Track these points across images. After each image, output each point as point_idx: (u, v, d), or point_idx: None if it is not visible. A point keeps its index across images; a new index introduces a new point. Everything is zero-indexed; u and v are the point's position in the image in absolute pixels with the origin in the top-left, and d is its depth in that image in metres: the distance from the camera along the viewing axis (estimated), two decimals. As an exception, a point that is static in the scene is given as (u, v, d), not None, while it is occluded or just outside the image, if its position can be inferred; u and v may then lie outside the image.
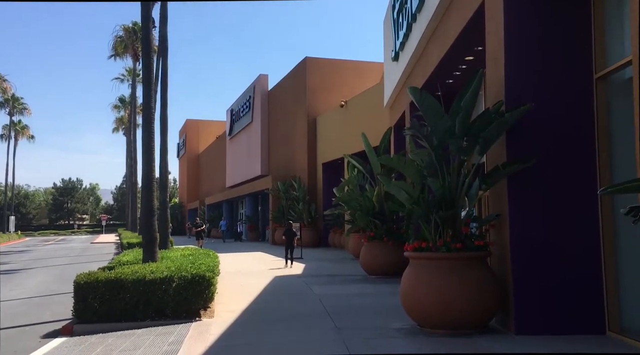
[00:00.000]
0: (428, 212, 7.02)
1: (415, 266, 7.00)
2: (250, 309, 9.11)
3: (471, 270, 6.64)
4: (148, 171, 10.23)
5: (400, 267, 13.33)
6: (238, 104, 42.67)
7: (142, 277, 8.07)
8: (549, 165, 6.70)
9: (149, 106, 10.43)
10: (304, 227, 26.33)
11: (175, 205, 66.69)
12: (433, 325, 6.68)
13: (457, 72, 11.39)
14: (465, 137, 6.97)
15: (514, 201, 6.73)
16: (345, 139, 24.33)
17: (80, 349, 6.64)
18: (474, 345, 6.04)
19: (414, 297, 6.82)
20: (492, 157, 7.27)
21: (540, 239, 6.62)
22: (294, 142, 31.49)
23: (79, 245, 39.59)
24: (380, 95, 20.21)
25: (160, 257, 10.80)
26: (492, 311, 6.67)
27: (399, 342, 6.39)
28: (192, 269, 8.50)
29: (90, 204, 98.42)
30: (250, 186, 36.19)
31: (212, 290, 8.46)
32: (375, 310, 8.64)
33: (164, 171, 15.08)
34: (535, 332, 6.40)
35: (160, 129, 15.08)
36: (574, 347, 5.76)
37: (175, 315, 8.12)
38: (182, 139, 65.58)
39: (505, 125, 6.56)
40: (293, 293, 11.01)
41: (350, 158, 15.77)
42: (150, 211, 10.12)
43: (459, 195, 7.12)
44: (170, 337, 6.93)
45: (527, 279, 6.57)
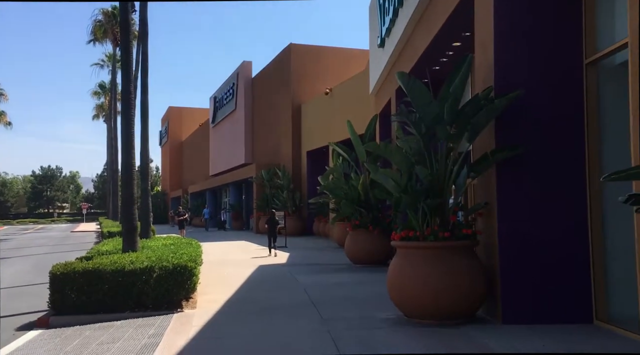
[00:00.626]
0: (416, 200, 6.88)
1: (402, 256, 6.87)
2: (233, 299, 8.92)
3: (459, 260, 6.53)
4: (127, 158, 9.91)
5: (385, 256, 13.33)
6: (221, 91, 42.07)
7: (121, 268, 7.82)
8: (538, 153, 6.60)
9: (128, 91, 10.08)
10: (288, 215, 26.16)
11: (157, 194, 65.96)
12: (420, 315, 6.57)
13: (444, 58, 11.24)
14: (454, 124, 6.83)
15: (502, 189, 6.62)
16: (330, 127, 24.12)
17: (55, 342, 6.40)
18: (462, 335, 5.94)
19: (400, 286, 6.70)
20: (481, 144, 7.14)
21: (529, 228, 6.53)
22: (278, 130, 31.18)
23: (59, 234, 38.89)
24: (365, 83, 20.02)
25: (141, 247, 10.53)
26: (480, 301, 6.59)
27: (386, 332, 6.26)
28: (173, 259, 8.27)
29: (70, 193, 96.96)
30: (234, 174, 35.84)
31: (195, 281, 8.24)
32: (361, 299, 8.53)
33: (145, 159, 14.73)
34: (522, 322, 6.33)
35: (141, 116, 14.71)
36: (560, 336, 5.69)
37: (156, 307, 7.90)
38: (164, 126, 64.65)
39: (494, 111, 6.42)
40: (277, 282, 10.85)
41: (336, 146, 15.58)
42: (130, 199, 9.83)
43: (447, 183, 6.99)
44: (150, 330, 6.72)
45: (514, 268, 6.48)
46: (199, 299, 8.89)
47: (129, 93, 10.14)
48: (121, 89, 10.06)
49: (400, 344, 5.85)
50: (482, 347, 5.46)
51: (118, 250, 10.14)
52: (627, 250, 5.77)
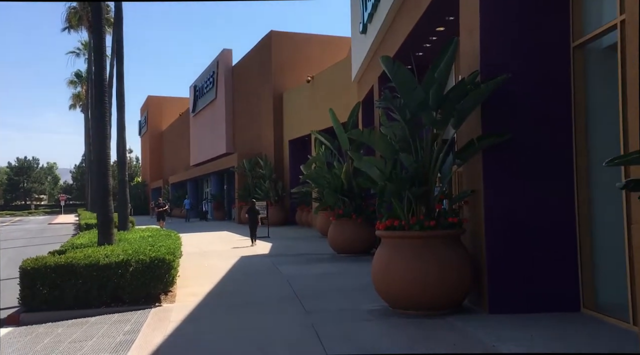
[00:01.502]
0: (400, 188, 6.70)
1: (387, 245, 6.69)
2: (214, 292, 8.68)
3: (445, 249, 6.38)
4: (102, 148, 9.53)
5: (369, 245, 13.20)
6: (201, 79, 41.35)
7: (96, 262, 7.51)
8: (524, 139, 6.45)
9: (102, 78, 9.67)
10: (270, 205, 25.91)
11: (138, 185, 65.04)
12: (405, 306, 6.42)
13: (427, 44, 11.03)
14: (439, 110, 6.64)
15: (488, 176, 6.47)
16: (312, 116, 23.85)
17: (26, 340, 6.09)
18: (448, 326, 5.80)
19: (385, 277, 6.53)
20: (466, 131, 6.97)
21: (515, 216, 6.40)
22: (259, 119, 30.77)
23: (36, 226, 38.04)
24: (348, 70, 19.76)
25: (118, 239, 10.20)
26: (466, 290, 6.46)
27: (371, 325, 6.09)
28: (150, 252, 7.97)
29: (48, 184, 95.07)
30: (216, 164, 35.37)
31: (173, 274, 7.97)
32: (345, 290, 8.35)
33: (122, 148, 14.30)
34: (509, 311, 6.22)
35: (117, 103, 14.26)
36: (548, 325, 5.59)
37: (134, 301, 7.63)
38: (143, 116, 63.52)
39: (481, 96, 6.24)
40: (260, 274, 10.63)
41: (318, 134, 15.34)
42: (105, 190, 9.46)
43: (432, 171, 6.81)
44: (126, 326, 6.45)
45: (501, 257, 6.36)
46: (178, 292, 8.62)
47: (103, 80, 9.73)
48: (94, 75, 9.65)
49: (386, 336, 5.68)
50: (469, 337, 5.33)
51: (94, 243, 9.79)
52: (615, 238, 5.68)
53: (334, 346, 5.18)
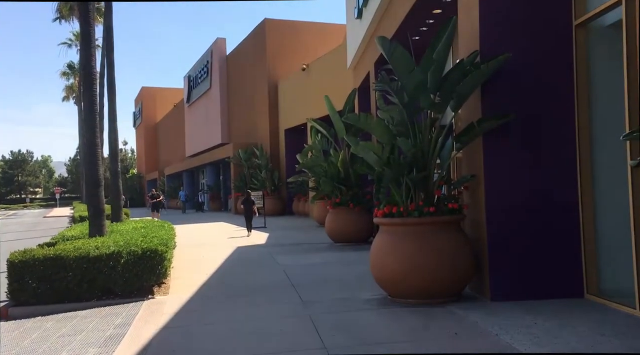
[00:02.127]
0: (399, 174, 6.49)
1: (385, 233, 6.50)
2: (209, 283, 8.49)
3: (445, 235, 6.19)
4: (92, 137, 9.27)
5: (367, 234, 13.03)
6: (195, 69, 40.95)
7: (86, 254, 7.29)
8: (526, 120, 6.24)
9: (90, 66, 9.38)
10: (267, 195, 25.72)
11: (133, 177, 64.76)
12: (405, 294, 6.25)
13: (424, 27, 10.75)
14: (438, 92, 6.41)
15: (489, 160, 6.26)
16: (308, 104, 23.58)
17: (13, 336, 5.89)
18: (449, 314, 5.63)
19: (384, 265, 6.34)
20: (466, 114, 6.76)
21: (517, 200, 6.21)
22: (254, 109, 30.46)
23: (31, 220, 37.78)
24: (343, 57, 19.46)
25: (110, 231, 9.99)
26: (467, 278, 6.28)
27: (370, 314, 5.92)
28: (142, 243, 7.76)
29: (42, 177, 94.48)
30: (211, 155, 35.10)
31: (166, 266, 7.77)
32: (343, 280, 8.18)
33: (114, 139, 14.03)
34: (511, 298, 6.05)
35: (108, 93, 13.98)
36: (551, 312, 5.42)
37: (126, 294, 7.43)
38: (138, 107, 63.04)
39: (481, 77, 6.01)
40: (256, 264, 10.45)
41: (313, 122, 15.10)
42: (96, 181, 9.22)
43: (431, 156, 6.60)
44: (117, 319, 6.25)
45: (502, 243, 6.18)
46: (172, 284, 8.44)
47: (91, 68, 9.45)
48: (82, 63, 9.38)
49: (385, 326, 5.51)
50: (470, 326, 5.16)
51: (85, 235, 9.57)
52: (619, 222, 5.50)
53: (332, 337, 5.00)
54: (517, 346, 4.46)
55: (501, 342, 4.60)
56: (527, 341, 4.56)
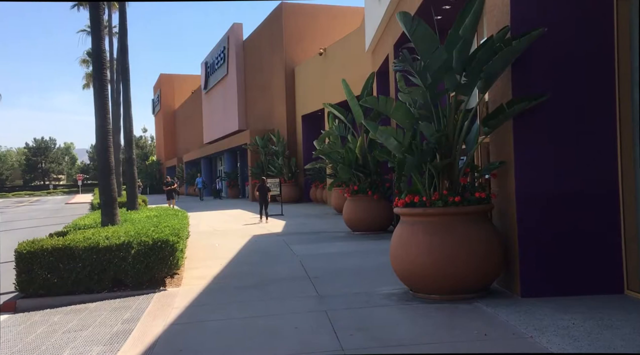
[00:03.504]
0: (421, 161, 6.06)
1: (406, 224, 6.09)
2: (222, 274, 8.21)
3: (471, 227, 5.76)
4: (102, 123, 9.01)
5: (386, 222, 12.63)
6: (212, 55, 40.64)
7: (95, 244, 7.06)
8: (561, 102, 5.74)
9: (99, 49, 9.09)
10: (284, 182, 25.43)
11: (152, 164, 65.09)
12: (427, 289, 5.85)
13: (447, 5, 10.19)
14: (464, 72, 5.93)
15: (520, 146, 5.79)
16: (325, 89, 23.09)
17: (18, 330, 5.69)
18: (476, 312, 5.23)
19: (405, 258, 5.95)
20: (494, 95, 6.27)
21: (550, 189, 5.74)
22: (271, 95, 30.07)
23: (53, 207, 38.23)
24: (361, 41, 18.92)
25: (123, 220, 9.78)
26: (495, 272, 5.85)
27: (391, 311, 5.55)
28: (154, 233, 7.50)
29: (65, 164, 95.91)
30: (228, 142, 34.89)
31: (178, 256, 7.49)
32: (361, 272, 7.82)
33: (129, 124, 13.81)
34: (543, 294, 5.62)
35: (122, 78, 13.73)
36: (589, 310, 4.98)
37: (137, 286, 7.19)
38: (156, 94, 63.15)
39: (512, 54, 5.52)
40: (271, 254, 10.15)
41: (331, 107, 14.66)
42: (107, 168, 8.98)
43: (456, 141, 6.15)
44: (126, 313, 6.00)
45: (534, 235, 5.73)
46: (185, 275, 8.19)
47: (101, 51, 9.16)
48: (92, 46, 9.09)
49: (406, 325, 5.13)
50: (501, 325, 4.76)
51: (98, 224, 9.37)
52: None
53: (350, 337, 4.65)
54: (555, 350, 4.05)
55: (537, 345, 4.19)
56: (566, 344, 4.14)
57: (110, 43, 31.65)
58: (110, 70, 29.03)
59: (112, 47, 26.92)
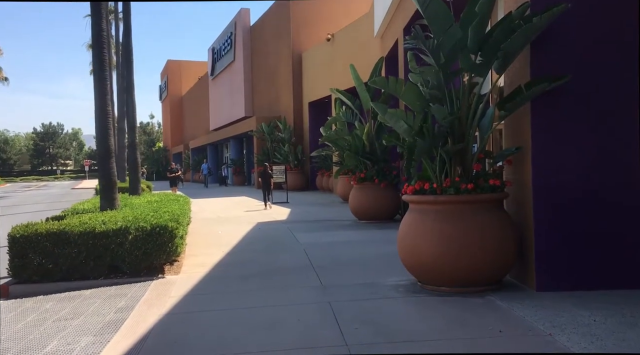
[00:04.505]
0: (432, 145, 5.73)
1: (416, 212, 5.78)
2: (224, 262, 7.95)
3: (484, 216, 5.44)
4: (102, 105, 8.72)
5: (393, 211, 12.30)
6: (219, 41, 40.18)
7: (91, 229, 6.80)
8: (584, 83, 5.38)
9: (100, 28, 8.78)
10: (289, 170, 25.13)
11: (159, 150, 65.05)
12: (437, 281, 5.55)
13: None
14: (480, 52, 5.57)
15: (538, 130, 5.44)
16: (332, 76, 22.68)
17: (8, 318, 5.44)
18: (489, 306, 4.93)
19: (414, 248, 5.64)
20: (511, 77, 5.90)
21: (570, 176, 5.39)
22: (278, 81, 29.66)
23: (59, 191, 38.23)
24: (370, 26, 18.47)
25: (123, 205, 9.52)
26: (510, 264, 5.54)
27: (397, 303, 5.26)
28: (152, 219, 7.23)
29: (73, 149, 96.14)
30: (234, 128, 34.58)
31: (177, 243, 7.23)
32: (367, 261, 7.53)
33: (131, 108, 13.53)
34: (560, 288, 5.31)
35: (124, 61, 13.42)
36: (612, 306, 4.66)
37: (134, 273, 6.95)
38: (163, 80, 62.89)
39: (532, 32, 5.14)
40: (275, 242, 9.88)
41: (338, 93, 14.28)
42: (107, 152, 8.71)
43: (470, 125, 5.80)
44: (121, 301, 5.75)
45: (552, 225, 5.40)
46: (185, 262, 7.94)
47: (100, 29, 8.84)
48: (91, 24, 8.78)
49: (415, 319, 4.84)
50: (516, 322, 4.45)
51: (97, 209, 9.12)
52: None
53: (355, 331, 4.37)
54: (576, 350, 3.74)
55: (557, 344, 3.88)
56: (587, 343, 3.83)
57: (117, 28, 31.32)
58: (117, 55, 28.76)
59: (119, 33, 26.63)
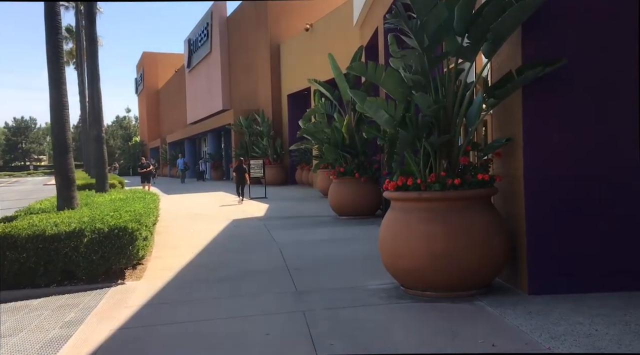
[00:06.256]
0: (415, 137, 5.23)
1: (398, 210, 5.28)
2: (192, 264, 7.37)
3: (473, 213, 4.97)
4: (57, 95, 8.02)
5: (374, 207, 11.81)
6: (195, 33, 39.18)
7: (41, 232, 6.16)
8: (581, 68, 4.93)
9: (53, 12, 8.05)
10: (268, 164, 24.54)
11: (136, 145, 63.64)
12: (422, 285, 5.07)
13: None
14: (467, 34, 5.07)
15: (530, 120, 4.98)
16: (311, 67, 22.07)
17: (-60, 335, 4.79)
18: (480, 313, 4.47)
19: (396, 250, 5.15)
20: (500, 61, 5.43)
21: (566, 170, 4.95)
22: (256, 73, 28.93)
23: (30, 188, 36.98)
24: (349, 15, 17.94)
25: (84, 203, 8.85)
26: (500, 265, 5.08)
27: (379, 312, 4.76)
28: (111, 219, 6.60)
29: (47, 144, 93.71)
30: (212, 122, 33.76)
31: (138, 246, 6.61)
32: (346, 262, 7.02)
33: (96, 100, 12.78)
34: (555, 291, 4.87)
35: (88, 49, 12.65)
36: (613, 312, 4.24)
37: (91, 279, 6.33)
38: (139, 73, 61.38)
39: (525, 11, 4.66)
40: (249, 240, 9.32)
41: (316, 83, 13.72)
42: (63, 147, 8.02)
43: (456, 115, 5.32)
44: (70, 313, 5.14)
45: (545, 222, 4.96)
46: (150, 265, 7.34)
47: (55, 14, 8.10)
48: (44, 5, 8.04)
49: (398, 329, 4.35)
50: (510, 331, 3.99)
51: (55, 208, 8.42)
52: None
53: (328, 347, 3.86)
54: (580, 368, 3.29)
55: (559, 361, 3.42)
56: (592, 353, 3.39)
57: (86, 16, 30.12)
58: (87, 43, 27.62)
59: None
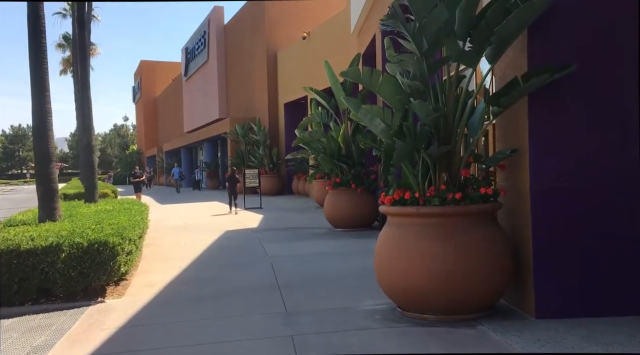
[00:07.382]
0: (414, 148, 4.89)
1: (395, 226, 4.93)
2: (178, 280, 7.00)
3: (475, 230, 4.62)
4: (40, 102, 7.67)
5: (370, 219, 11.44)
6: (193, 41, 39.03)
7: (16, 247, 5.77)
8: (590, 75, 4.60)
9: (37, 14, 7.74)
10: (264, 173, 24.20)
11: (133, 153, 63.27)
12: (420, 308, 4.71)
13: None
14: (469, 37, 4.76)
15: (537, 129, 4.65)
16: (308, 76, 21.80)
17: None
18: (483, 340, 4.10)
19: (392, 269, 4.79)
20: (504, 67, 5.11)
21: (575, 183, 4.61)
22: (253, 81, 28.68)
23: (24, 196, 36.45)
24: (346, 23, 17.68)
25: (68, 215, 8.46)
26: (504, 287, 4.73)
27: (373, 337, 4.39)
28: (91, 233, 6.23)
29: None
30: (209, 130, 33.45)
31: (120, 261, 6.23)
32: (340, 279, 6.65)
33: (86, 108, 12.41)
34: (564, 315, 4.51)
35: (79, 54, 12.33)
36: (628, 339, 3.88)
37: (69, 296, 5.95)
38: (137, 81, 61.24)
39: (531, 13, 4.35)
40: (240, 254, 8.95)
41: (312, 91, 13.41)
42: (45, 156, 7.66)
43: (457, 124, 4.99)
44: (41, 335, 4.76)
45: (553, 240, 4.61)
46: (134, 281, 6.96)
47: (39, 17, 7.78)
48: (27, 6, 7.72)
49: (395, 358, 3.98)
50: (518, 363, 3.63)
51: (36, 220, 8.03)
52: None
53: (319, 379, 3.49)
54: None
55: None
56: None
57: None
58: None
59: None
